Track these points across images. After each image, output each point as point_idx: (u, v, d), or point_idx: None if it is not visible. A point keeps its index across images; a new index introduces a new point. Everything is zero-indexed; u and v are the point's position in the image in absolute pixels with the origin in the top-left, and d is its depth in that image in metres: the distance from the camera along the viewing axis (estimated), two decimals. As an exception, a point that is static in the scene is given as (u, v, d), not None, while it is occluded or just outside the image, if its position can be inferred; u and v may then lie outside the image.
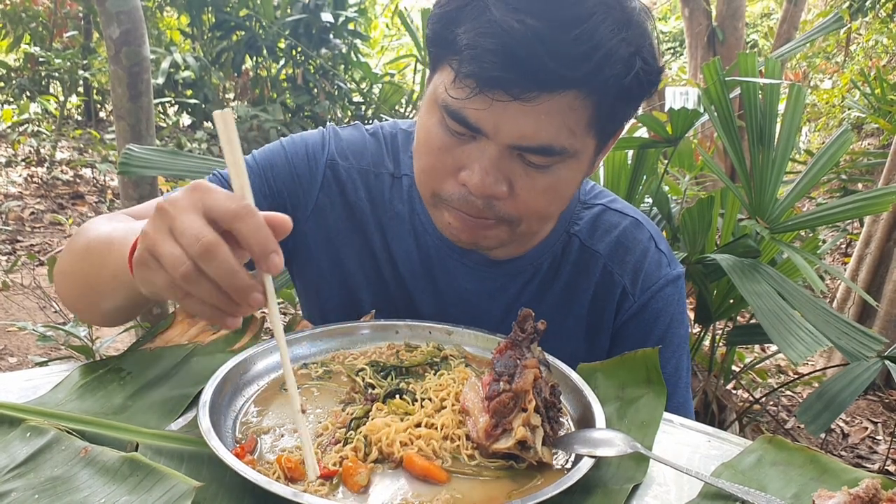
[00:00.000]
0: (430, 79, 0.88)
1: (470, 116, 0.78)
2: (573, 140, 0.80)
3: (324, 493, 0.61)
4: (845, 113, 6.37)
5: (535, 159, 0.80)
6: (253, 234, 0.58)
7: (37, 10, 7.03)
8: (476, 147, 0.81)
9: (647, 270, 0.99)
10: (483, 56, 0.73)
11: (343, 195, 1.01)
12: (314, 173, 1.01)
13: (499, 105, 0.76)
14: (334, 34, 6.42)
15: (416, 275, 1.01)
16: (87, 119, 8.10)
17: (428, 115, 0.85)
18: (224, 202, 0.59)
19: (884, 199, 1.60)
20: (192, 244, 0.58)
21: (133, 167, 1.62)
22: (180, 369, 0.81)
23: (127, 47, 2.47)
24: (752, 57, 1.73)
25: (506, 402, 0.67)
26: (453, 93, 0.78)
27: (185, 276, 0.59)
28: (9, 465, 0.60)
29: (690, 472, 0.63)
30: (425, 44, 0.87)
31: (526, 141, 0.78)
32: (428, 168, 0.86)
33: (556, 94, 0.75)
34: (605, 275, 0.99)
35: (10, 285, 3.13)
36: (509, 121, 0.77)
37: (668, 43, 12.95)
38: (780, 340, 1.30)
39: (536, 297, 1.00)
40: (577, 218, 1.01)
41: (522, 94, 0.74)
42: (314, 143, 1.03)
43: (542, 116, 0.76)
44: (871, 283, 3.07)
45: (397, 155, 1.03)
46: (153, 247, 0.61)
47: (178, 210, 0.60)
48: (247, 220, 0.58)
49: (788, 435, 2.52)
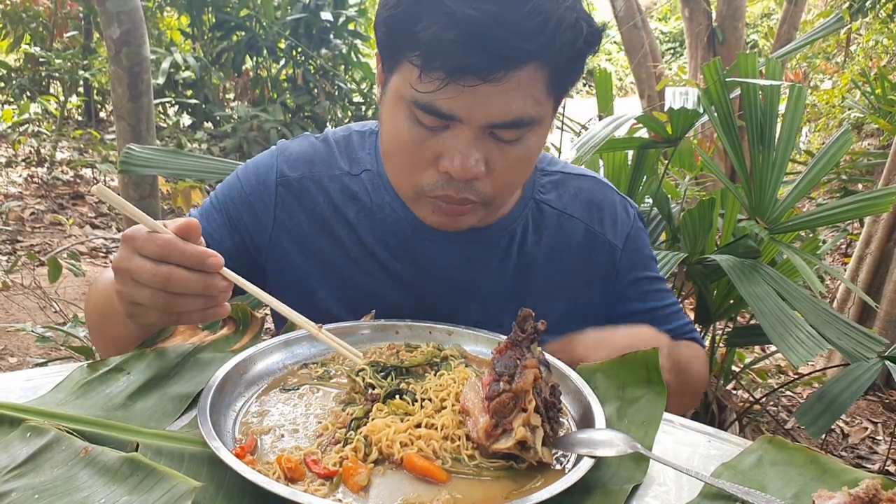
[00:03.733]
0: (382, 79, 0.91)
1: (442, 106, 0.82)
2: (538, 108, 0.85)
3: (324, 494, 0.61)
4: (845, 113, 6.37)
5: (507, 135, 0.85)
6: (183, 258, 0.72)
7: (37, 11, 7.03)
8: (450, 134, 0.85)
9: (620, 219, 1.10)
10: (449, 47, 0.78)
11: (301, 206, 1.04)
12: (268, 193, 1.04)
13: (469, 90, 0.80)
14: (334, 34, 6.43)
15: (397, 260, 1.03)
16: (87, 119, 8.11)
17: (394, 114, 0.88)
18: (148, 247, 0.72)
19: (884, 200, 1.60)
20: (153, 280, 0.71)
21: (134, 166, 1.62)
22: (180, 369, 0.81)
23: (127, 47, 2.47)
24: (752, 57, 1.73)
25: (506, 403, 0.67)
26: (422, 87, 0.81)
27: (166, 304, 0.73)
28: (9, 465, 0.60)
29: (690, 472, 0.64)
30: (377, 46, 0.91)
31: (499, 118, 0.83)
32: (406, 164, 0.90)
33: (519, 68, 0.80)
34: (588, 235, 1.07)
35: (10, 285, 3.13)
36: (481, 103, 0.81)
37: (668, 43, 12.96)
38: (780, 343, 1.30)
39: (519, 262, 1.04)
40: (539, 185, 1.08)
41: (490, 74, 0.79)
42: (264, 164, 1.07)
43: (509, 93, 0.81)
44: (871, 283, 3.07)
45: (353, 154, 1.07)
46: (130, 298, 0.74)
47: (127, 262, 0.73)
48: (172, 254, 0.71)
49: (788, 435, 2.52)
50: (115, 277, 0.75)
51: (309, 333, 0.84)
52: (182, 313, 0.75)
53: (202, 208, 1.08)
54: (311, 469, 0.64)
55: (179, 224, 0.73)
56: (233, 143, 6.07)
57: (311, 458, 0.65)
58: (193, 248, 0.72)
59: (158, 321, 0.76)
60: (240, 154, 6.06)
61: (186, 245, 0.72)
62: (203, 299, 0.74)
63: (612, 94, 2.14)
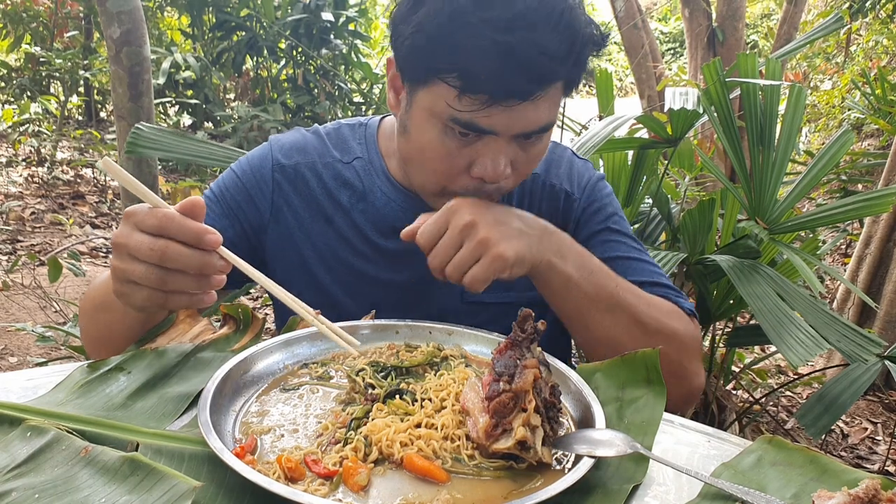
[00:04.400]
0: (407, 90, 0.92)
1: (482, 123, 0.87)
2: (556, 110, 0.93)
3: (324, 493, 0.61)
4: (845, 114, 6.37)
5: (532, 138, 0.92)
6: (181, 232, 0.71)
7: (37, 10, 7.03)
8: (483, 144, 0.90)
9: (579, 172, 1.15)
10: (493, 72, 0.82)
11: (296, 191, 1.09)
12: (264, 181, 1.09)
13: (508, 109, 0.86)
14: (335, 34, 6.43)
15: (387, 239, 1.08)
16: (87, 119, 8.11)
17: (426, 129, 0.91)
18: (148, 220, 0.71)
19: (884, 200, 1.60)
20: (150, 254, 0.71)
21: (140, 147, 1.61)
22: (181, 369, 0.81)
23: (128, 47, 2.47)
24: (752, 58, 1.73)
25: (506, 403, 0.67)
26: (461, 106, 0.86)
27: (159, 280, 0.72)
28: (9, 464, 0.60)
29: (690, 472, 0.64)
30: (396, 61, 0.93)
31: (530, 128, 0.90)
32: (438, 171, 0.94)
33: (553, 84, 0.88)
34: (545, 188, 1.13)
35: (10, 285, 3.13)
36: (518, 117, 0.88)
37: (668, 43, 12.96)
38: (780, 343, 1.30)
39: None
40: None
41: (529, 95, 0.85)
42: (259, 155, 1.12)
43: (540, 105, 0.88)
44: (871, 283, 3.07)
45: (345, 143, 1.13)
46: (123, 274, 0.73)
47: (125, 237, 0.72)
48: (170, 227, 0.70)
49: (788, 435, 2.52)
50: (113, 253, 0.75)
51: (307, 322, 0.84)
52: (172, 293, 0.73)
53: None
54: (311, 469, 0.64)
55: (184, 202, 0.73)
56: (233, 143, 6.07)
57: (311, 457, 0.65)
58: (192, 223, 0.71)
59: (148, 300, 0.74)
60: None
61: (185, 219, 0.71)
62: (196, 279, 0.72)
63: (612, 94, 2.14)
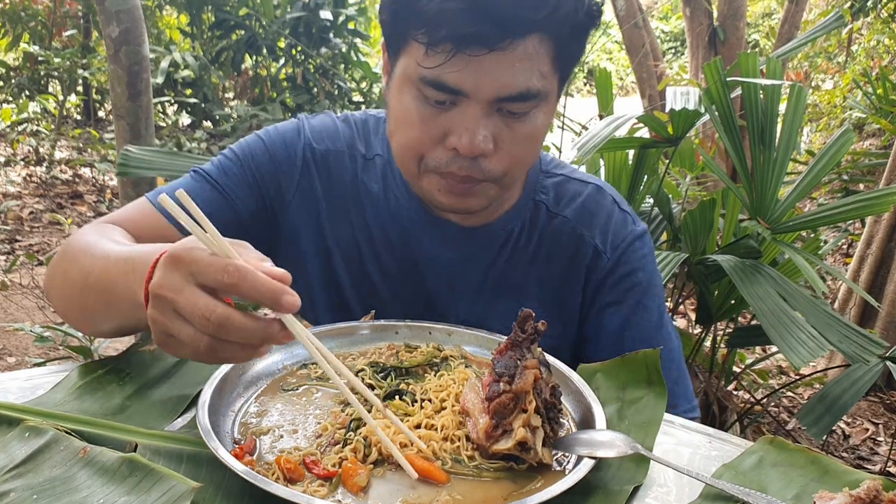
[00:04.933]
0: (389, 66, 0.92)
1: (449, 80, 0.82)
2: (544, 81, 0.86)
3: (323, 494, 0.61)
4: (847, 113, 6.36)
5: (515, 108, 0.85)
6: (255, 291, 0.59)
7: (36, 9, 7.02)
8: (458, 111, 0.85)
9: (615, 229, 1.05)
10: (455, 17, 0.78)
11: (321, 177, 1.05)
12: (293, 158, 1.04)
13: (475, 62, 0.81)
14: (334, 33, 6.42)
15: (392, 249, 1.05)
16: (86, 118, 8.10)
17: (401, 95, 0.88)
18: (214, 275, 0.59)
19: (885, 200, 1.60)
20: (204, 323, 0.59)
21: (132, 168, 1.62)
22: (179, 369, 0.81)
23: (126, 46, 2.47)
24: (753, 57, 1.73)
25: (506, 403, 0.66)
26: (428, 62, 0.82)
27: (209, 349, 0.60)
28: (7, 465, 0.60)
29: (691, 473, 0.63)
30: (382, 32, 0.92)
31: (506, 91, 0.83)
32: (412, 141, 0.89)
33: (524, 38, 0.81)
34: (574, 237, 1.04)
35: (8, 285, 3.13)
36: (487, 75, 0.82)
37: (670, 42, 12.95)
38: (782, 344, 1.30)
39: (511, 262, 1.04)
40: (541, 186, 1.07)
41: (496, 43, 0.80)
42: (290, 130, 1.07)
43: (515, 64, 0.82)
44: (873, 283, 3.06)
45: (368, 138, 1.08)
46: (167, 330, 0.62)
47: (175, 292, 0.60)
48: (243, 284, 0.59)
49: (789, 436, 2.52)
50: (152, 302, 0.62)
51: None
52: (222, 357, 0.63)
53: (216, 164, 1.03)
54: (311, 470, 0.63)
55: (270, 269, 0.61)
56: (232, 143, 6.05)
57: (310, 458, 0.65)
58: (270, 283, 0.59)
59: (191, 357, 0.64)
60: (240, 153, 6.04)
61: (262, 277, 0.59)
62: (251, 348, 0.62)
63: (612, 93, 2.14)
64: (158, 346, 0.66)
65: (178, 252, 0.61)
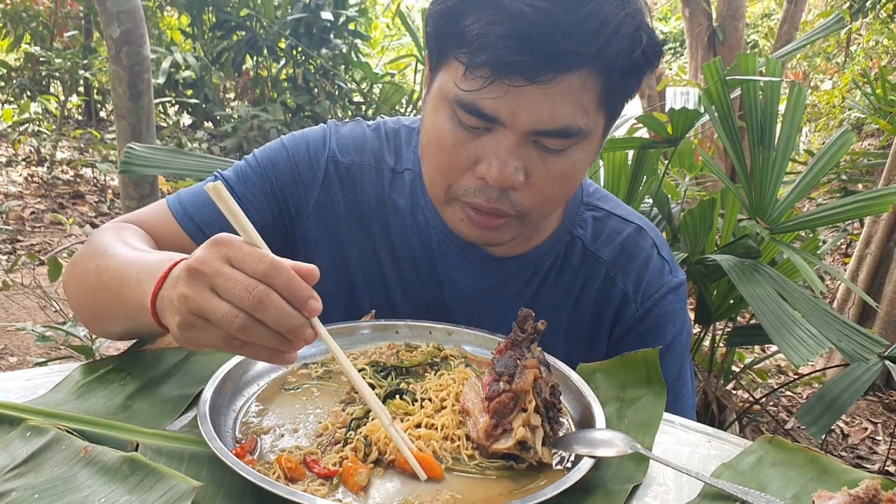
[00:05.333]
0: (430, 78, 0.88)
1: (485, 107, 0.78)
2: (587, 119, 0.80)
3: (323, 494, 0.61)
4: (846, 113, 6.37)
5: (552, 143, 0.81)
6: (286, 288, 0.60)
7: (37, 10, 7.03)
8: (491, 138, 0.80)
9: (650, 278, 0.99)
10: (497, 42, 0.74)
11: (345, 191, 1.01)
12: (315, 170, 1.01)
13: (514, 91, 0.76)
14: (335, 34, 6.42)
15: (417, 269, 1.01)
16: (87, 119, 8.10)
17: (435, 114, 0.84)
18: (251, 261, 0.61)
19: (884, 200, 1.60)
20: (244, 297, 0.59)
21: (134, 166, 1.62)
22: (180, 369, 0.81)
23: (127, 47, 2.47)
24: (752, 57, 1.73)
25: (506, 403, 0.67)
26: (465, 85, 0.78)
27: (242, 327, 0.60)
28: (9, 464, 0.60)
29: (690, 472, 0.63)
30: (425, 43, 0.87)
31: (544, 125, 0.78)
32: (442, 165, 0.85)
33: (570, 73, 0.76)
34: (607, 280, 0.99)
35: (10, 285, 3.13)
36: (526, 106, 0.77)
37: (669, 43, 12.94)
38: (781, 342, 1.30)
39: (536, 297, 1.00)
40: (580, 219, 1.01)
41: (538, 76, 0.75)
42: (315, 139, 1.03)
43: (557, 98, 0.77)
44: (872, 283, 3.07)
45: (399, 150, 1.03)
46: (199, 308, 0.61)
47: (213, 268, 0.61)
48: (277, 278, 0.60)
49: (788, 435, 2.52)
50: (186, 280, 0.62)
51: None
52: (248, 344, 0.62)
53: (238, 171, 1.02)
54: (311, 469, 0.64)
55: (301, 265, 0.63)
56: (233, 143, 6.06)
57: (310, 457, 0.65)
58: (302, 283, 0.61)
59: (219, 344, 0.63)
60: (240, 154, 6.06)
61: (295, 276, 0.61)
62: (280, 339, 0.62)
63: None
64: (179, 333, 0.64)
65: (220, 237, 0.63)
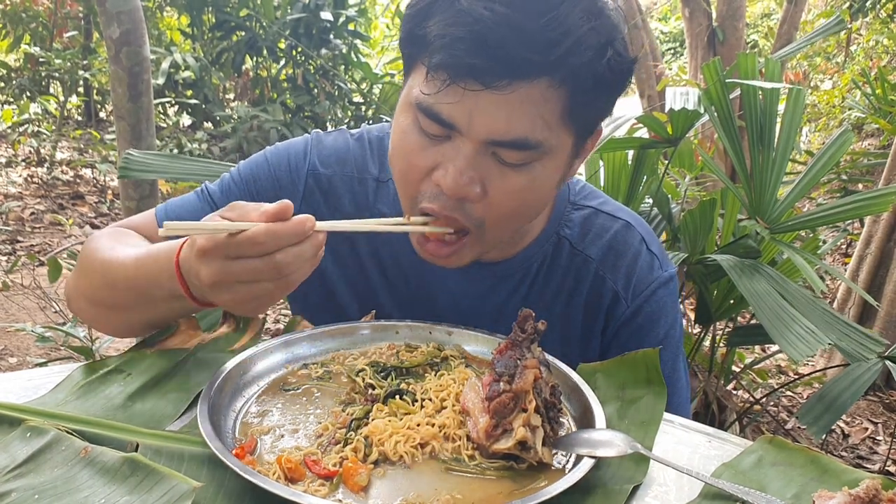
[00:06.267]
0: (404, 83, 0.88)
1: (443, 111, 0.77)
2: (548, 133, 0.79)
3: (324, 494, 0.61)
4: (845, 113, 6.37)
5: (510, 156, 0.79)
6: (286, 240, 0.67)
7: (37, 11, 7.03)
8: (451, 146, 0.80)
9: (639, 275, 0.98)
10: (452, 44, 0.73)
11: (328, 202, 1.01)
12: (296, 183, 1.01)
13: (471, 96, 0.75)
14: (334, 34, 6.42)
15: (405, 277, 1.01)
16: (87, 119, 8.10)
17: (402, 118, 0.84)
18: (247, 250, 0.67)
19: (884, 200, 1.60)
20: (268, 274, 0.68)
21: (133, 171, 1.62)
22: (180, 369, 0.81)
23: (127, 47, 2.47)
24: (752, 57, 1.73)
25: (506, 403, 0.67)
26: (425, 88, 0.78)
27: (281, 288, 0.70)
28: (9, 465, 0.60)
29: (691, 472, 0.63)
30: (400, 47, 0.88)
31: (500, 135, 0.77)
32: (404, 171, 0.85)
33: (528, 81, 0.75)
34: (597, 279, 0.99)
35: (10, 286, 3.13)
36: (482, 113, 0.76)
37: (669, 43, 12.95)
38: (780, 339, 1.30)
39: (527, 300, 1.00)
40: (566, 220, 1.00)
41: (493, 81, 0.74)
42: (297, 152, 1.03)
43: (514, 106, 0.75)
44: (872, 283, 3.07)
45: (384, 158, 1.02)
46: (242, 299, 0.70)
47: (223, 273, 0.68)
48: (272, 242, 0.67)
49: (788, 435, 2.52)
50: (213, 291, 0.69)
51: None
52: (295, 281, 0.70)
53: (222, 182, 1.04)
54: (311, 469, 0.64)
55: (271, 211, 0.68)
56: (233, 144, 6.07)
57: (310, 458, 0.65)
58: (293, 225, 0.68)
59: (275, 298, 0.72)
60: (240, 154, 6.06)
61: (286, 225, 0.67)
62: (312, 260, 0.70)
63: (612, 94, 2.13)
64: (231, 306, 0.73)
65: (204, 246, 0.68)
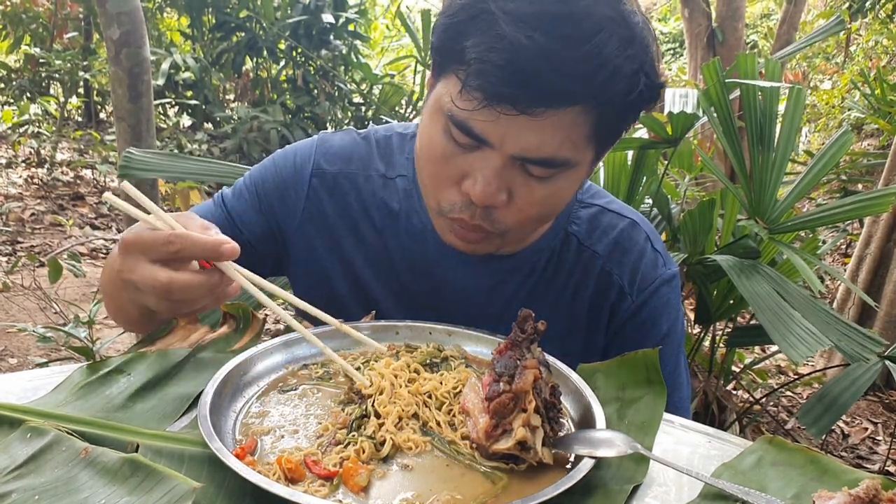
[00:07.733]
0: (432, 83, 0.88)
1: (476, 127, 0.79)
2: (575, 152, 0.82)
3: (324, 494, 0.61)
4: (845, 114, 6.37)
5: (536, 171, 0.82)
6: (197, 248, 0.70)
7: (37, 12, 7.03)
8: (479, 156, 0.82)
9: (644, 271, 1.01)
10: (491, 71, 0.74)
11: (334, 200, 1.04)
12: (301, 183, 1.04)
13: (505, 118, 0.77)
14: (334, 35, 6.43)
15: (414, 271, 1.02)
16: (87, 120, 8.11)
17: (431, 123, 0.86)
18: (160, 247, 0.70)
19: (883, 200, 1.61)
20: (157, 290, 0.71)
21: (133, 170, 1.62)
22: (181, 370, 0.81)
23: (127, 48, 2.47)
24: (751, 58, 1.74)
25: (506, 403, 0.67)
26: (460, 104, 0.79)
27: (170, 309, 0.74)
28: (9, 465, 0.60)
29: (691, 472, 0.63)
30: (429, 51, 0.89)
31: (530, 153, 0.80)
32: (432, 176, 0.88)
33: (562, 109, 0.77)
34: (602, 274, 1.01)
35: (10, 286, 3.13)
36: (515, 133, 0.78)
37: (668, 43, 12.96)
38: (780, 340, 1.30)
39: (534, 294, 1.01)
40: (574, 217, 1.03)
41: (529, 108, 0.76)
42: (303, 153, 1.06)
43: (546, 130, 0.78)
44: (871, 283, 3.07)
45: (391, 157, 1.05)
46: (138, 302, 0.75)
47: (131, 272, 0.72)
48: (185, 246, 0.69)
49: (788, 435, 2.52)
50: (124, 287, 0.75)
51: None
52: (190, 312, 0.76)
53: (235, 187, 1.09)
54: (312, 470, 0.64)
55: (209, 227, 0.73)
56: (233, 144, 6.07)
57: (311, 458, 0.65)
58: (206, 239, 0.70)
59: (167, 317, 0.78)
60: (240, 155, 6.07)
61: (198, 236, 0.70)
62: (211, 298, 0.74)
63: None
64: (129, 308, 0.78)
65: (127, 238, 0.71)
